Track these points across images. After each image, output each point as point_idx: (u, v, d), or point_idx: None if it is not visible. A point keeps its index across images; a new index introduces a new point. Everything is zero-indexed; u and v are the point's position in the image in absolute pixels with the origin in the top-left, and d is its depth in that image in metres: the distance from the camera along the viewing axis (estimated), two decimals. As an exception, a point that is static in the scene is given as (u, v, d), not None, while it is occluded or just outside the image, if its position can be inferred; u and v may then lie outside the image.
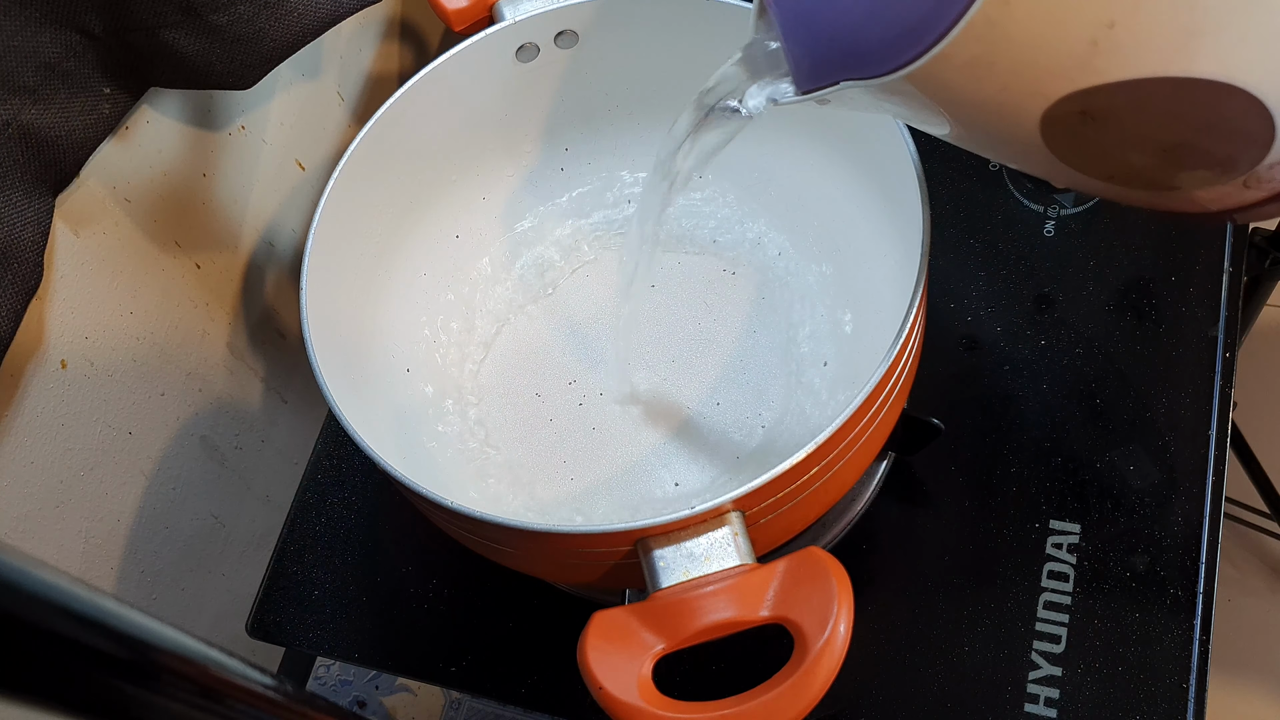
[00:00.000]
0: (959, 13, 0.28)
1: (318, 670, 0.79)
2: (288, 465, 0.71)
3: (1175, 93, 0.29)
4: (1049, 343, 0.58)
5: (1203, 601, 0.50)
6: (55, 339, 0.51)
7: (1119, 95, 0.29)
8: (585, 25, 0.54)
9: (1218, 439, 0.53)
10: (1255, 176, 0.32)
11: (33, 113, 0.46)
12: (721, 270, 0.58)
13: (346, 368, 0.50)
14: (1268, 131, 0.30)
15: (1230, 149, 0.31)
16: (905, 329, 0.41)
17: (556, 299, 0.59)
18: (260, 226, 0.65)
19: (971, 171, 0.63)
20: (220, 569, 0.66)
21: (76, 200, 0.51)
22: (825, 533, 0.55)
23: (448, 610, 0.57)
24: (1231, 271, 0.57)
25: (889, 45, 0.30)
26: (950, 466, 0.56)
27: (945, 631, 0.52)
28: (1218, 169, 0.32)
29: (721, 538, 0.39)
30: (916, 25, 0.29)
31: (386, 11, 0.74)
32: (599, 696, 0.38)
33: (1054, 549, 0.53)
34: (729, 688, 0.37)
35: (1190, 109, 0.30)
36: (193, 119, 0.58)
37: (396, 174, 0.55)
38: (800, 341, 0.55)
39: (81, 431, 0.54)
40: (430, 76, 0.53)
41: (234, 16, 0.49)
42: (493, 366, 0.57)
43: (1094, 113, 0.30)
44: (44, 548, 0.53)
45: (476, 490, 0.54)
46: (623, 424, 0.55)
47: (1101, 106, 0.30)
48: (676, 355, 0.56)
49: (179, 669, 0.24)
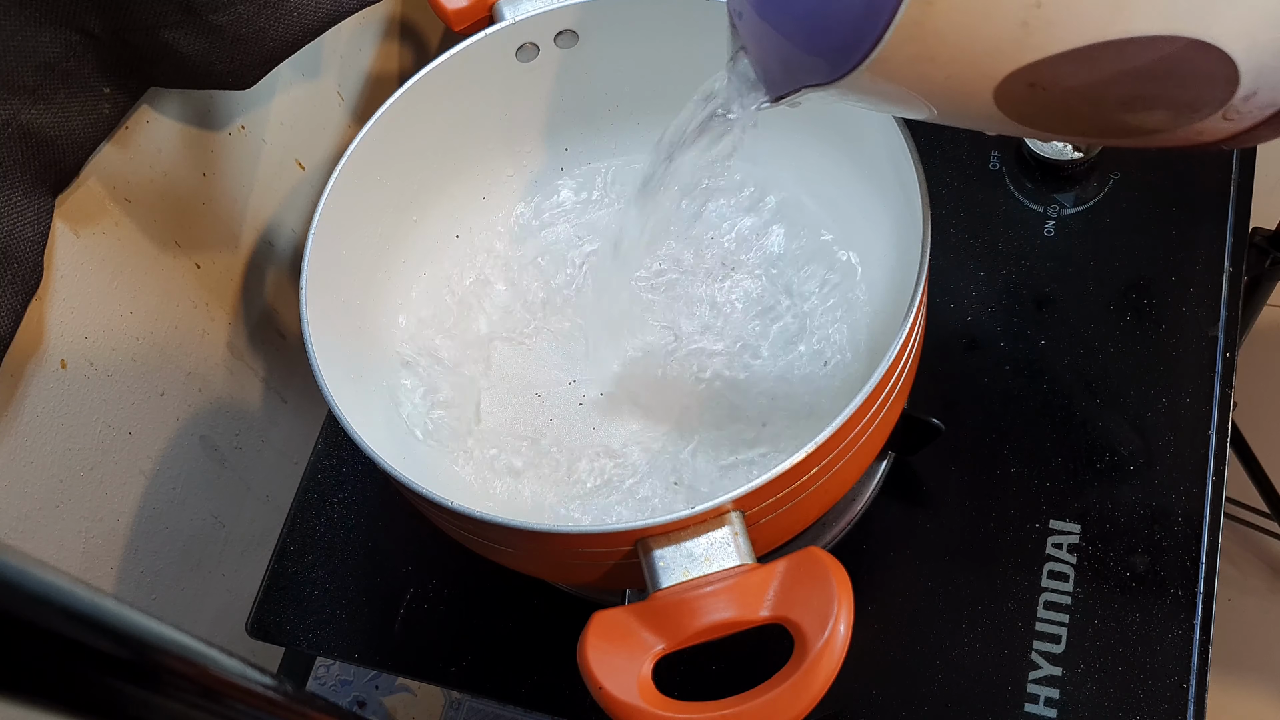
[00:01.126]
0: (886, 21, 0.29)
1: (318, 670, 0.79)
2: (288, 465, 0.71)
3: (1120, 53, 0.29)
4: (1049, 343, 0.58)
5: (1203, 601, 0.50)
6: (55, 339, 0.51)
7: (1062, 65, 0.30)
8: (585, 25, 0.54)
9: (1218, 439, 0.53)
10: (1232, 109, 0.32)
11: (33, 113, 0.46)
12: (721, 269, 0.58)
13: (346, 368, 0.50)
14: (1227, 68, 0.30)
15: (1194, 93, 0.31)
16: (905, 329, 0.41)
17: (556, 298, 0.59)
18: (260, 226, 0.65)
19: (971, 171, 0.63)
20: (220, 569, 0.66)
21: (76, 200, 0.51)
22: (825, 533, 0.55)
23: (448, 610, 0.57)
24: (1231, 271, 0.57)
25: (833, 55, 0.32)
26: (950, 466, 0.56)
27: (945, 631, 0.52)
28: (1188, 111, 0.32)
29: (721, 538, 0.39)
30: (852, 36, 0.31)
31: (386, 11, 0.74)
32: (599, 696, 0.38)
33: (1054, 549, 0.53)
34: (729, 688, 0.37)
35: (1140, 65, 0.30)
36: (193, 119, 0.58)
37: (396, 174, 0.55)
38: (800, 341, 0.55)
39: (81, 431, 0.54)
40: (430, 76, 0.53)
41: (234, 16, 0.49)
42: (492, 366, 0.57)
43: (1042, 84, 0.31)
44: (44, 548, 0.53)
45: (476, 490, 0.54)
46: (623, 423, 0.55)
47: (1048, 77, 0.31)
48: (676, 354, 0.56)
49: (179, 669, 0.24)
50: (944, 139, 0.64)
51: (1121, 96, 0.32)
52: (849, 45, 0.31)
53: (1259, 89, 0.31)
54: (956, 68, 0.31)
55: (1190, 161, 0.60)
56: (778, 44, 0.35)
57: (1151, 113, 0.32)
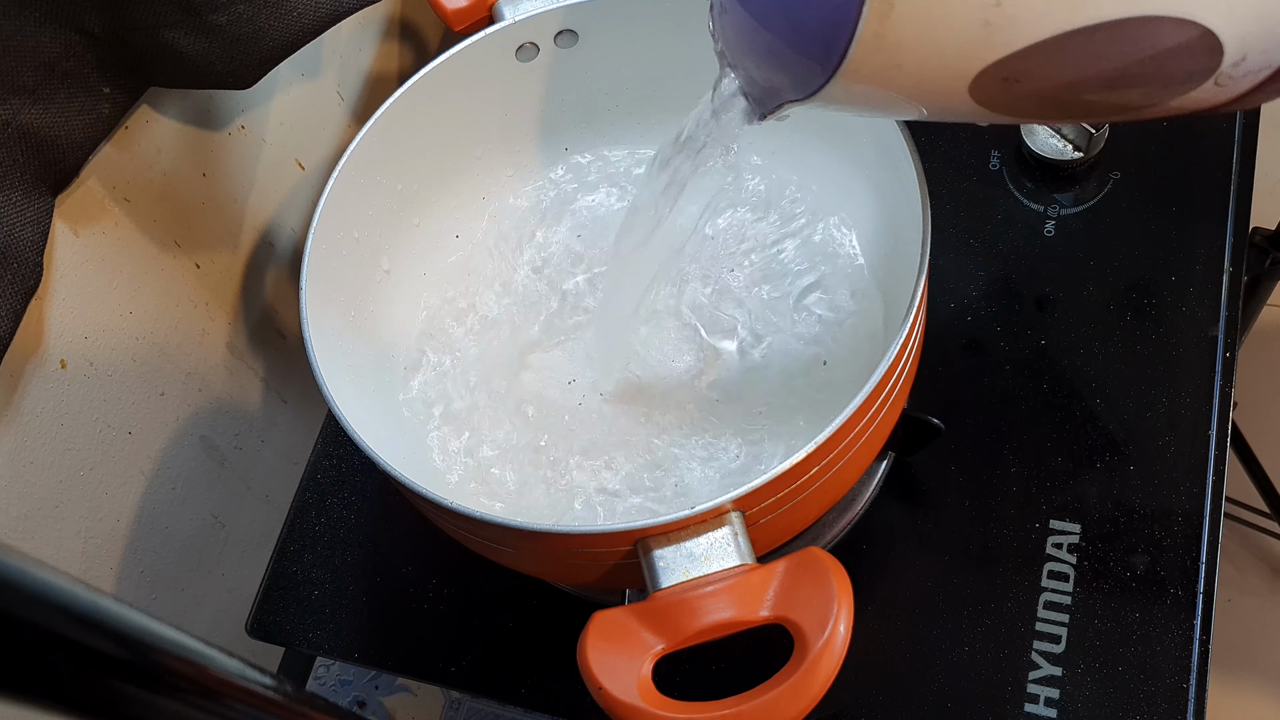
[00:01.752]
0: (848, 36, 0.30)
1: (317, 670, 0.79)
2: (288, 465, 0.71)
3: (1090, 40, 0.29)
4: (1049, 343, 0.58)
5: (1203, 601, 0.50)
6: (55, 339, 0.51)
7: (1033, 58, 0.30)
8: (585, 25, 0.54)
9: (1218, 439, 0.53)
10: (1223, 76, 0.31)
11: (33, 113, 0.46)
12: (720, 269, 0.58)
13: (346, 368, 0.50)
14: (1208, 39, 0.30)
15: (1177, 67, 0.31)
16: (905, 329, 0.41)
17: (556, 298, 0.59)
18: (260, 226, 0.65)
19: (971, 171, 0.63)
20: (220, 569, 0.66)
21: (76, 200, 0.51)
22: (825, 533, 0.55)
23: (448, 610, 0.57)
24: (1231, 271, 0.57)
25: (804, 71, 0.33)
26: (950, 466, 0.56)
27: (945, 631, 0.52)
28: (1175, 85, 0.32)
29: (721, 538, 0.39)
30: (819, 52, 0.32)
31: (386, 11, 0.74)
32: (599, 696, 0.38)
33: (1054, 549, 0.53)
34: (729, 688, 0.37)
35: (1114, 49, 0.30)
36: (192, 119, 0.58)
37: (396, 174, 0.55)
38: (800, 341, 0.55)
39: (81, 431, 0.54)
40: (430, 76, 0.53)
41: (234, 16, 0.49)
42: (492, 366, 0.57)
43: (1016, 77, 0.31)
44: (44, 548, 0.53)
45: (476, 490, 0.54)
46: (622, 423, 0.55)
47: (1021, 70, 0.30)
48: (676, 355, 0.56)
49: (179, 669, 0.24)
50: (944, 139, 0.64)
51: (1102, 79, 0.31)
52: (818, 61, 0.32)
53: (1247, 54, 0.30)
54: (926, 73, 0.31)
55: (1190, 161, 0.60)
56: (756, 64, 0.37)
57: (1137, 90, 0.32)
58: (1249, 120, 0.60)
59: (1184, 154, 0.61)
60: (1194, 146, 0.61)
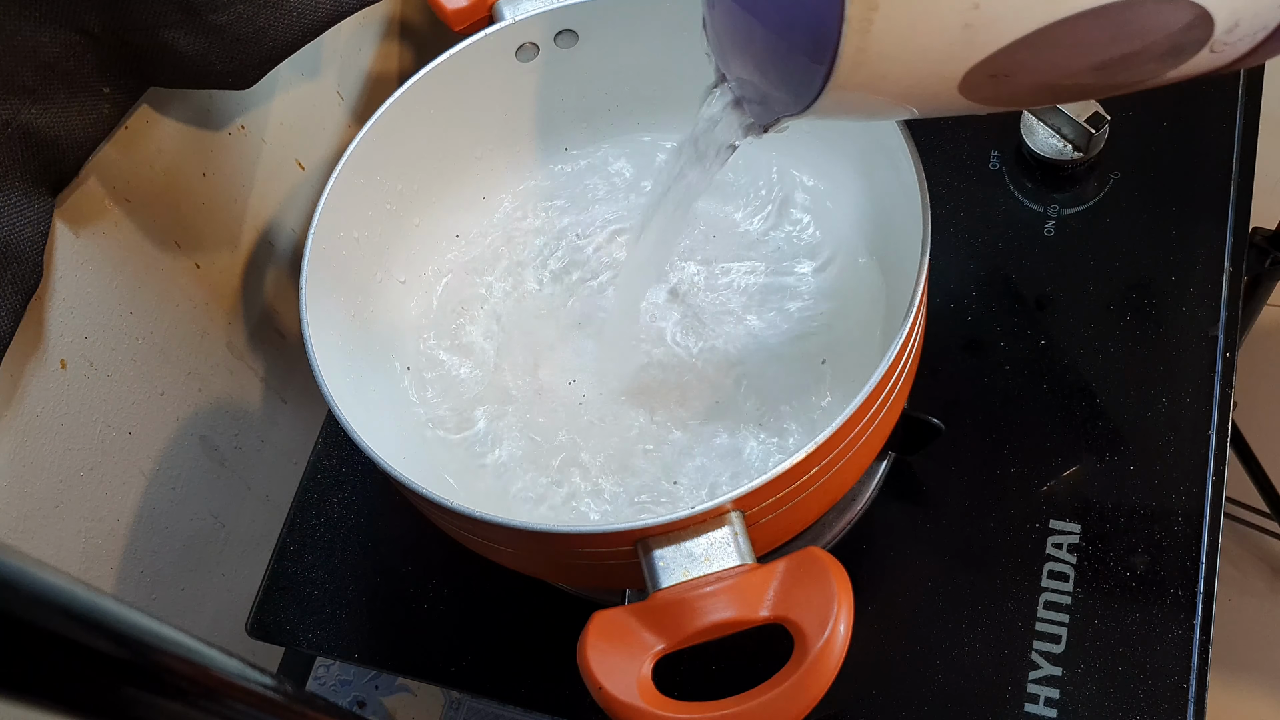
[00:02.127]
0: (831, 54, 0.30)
1: (317, 670, 0.79)
2: (288, 465, 0.71)
3: (1074, 29, 0.29)
4: (1049, 343, 0.58)
5: (1203, 601, 0.50)
6: (55, 339, 0.51)
7: (1019, 52, 0.30)
8: (585, 25, 0.55)
9: (1218, 439, 0.53)
10: (1218, 43, 0.31)
11: (32, 113, 0.46)
12: (720, 268, 0.58)
13: (346, 368, 0.50)
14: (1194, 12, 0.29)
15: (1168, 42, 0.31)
16: (905, 329, 0.41)
17: (556, 298, 0.59)
18: (260, 226, 0.65)
19: (971, 171, 0.63)
20: (220, 569, 0.66)
21: (76, 200, 0.51)
22: (825, 533, 0.55)
23: (448, 610, 0.57)
24: (1231, 271, 0.57)
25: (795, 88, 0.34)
26: (950, 466, 0.56)
27: (945, 631, 0.52)
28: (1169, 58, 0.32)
29: (721, 538, 0.39)
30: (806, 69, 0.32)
31: (386, 11, 0.74)
32: (599, 696, 0.38)
33: (1054, 549, 0.53)
34: (729, 688, 0.37)
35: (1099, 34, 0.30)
36: (192, 119, 0.58)
37: (396, 174, 0.55)
38: (799, 340, 0.55)
39: (81, 431, 0.54)
40: (430, 76, 0.53)
41: (234, 16, 0.49)
42: (492, 366, 0.57)
43: (1004, 72, 0.31)
44: (44, 548, 0.53)
45: (476, 489, 0.54)
46: (622, 423, 0.55)
47: (1007, 66, 0.30)
48: (676, 355, 0.56)
49: (179, 669, 0.24)
50: (944, 139, 0.64)
51: (1092, 63, 0.31)
52: (807, 78, 0.32)
53: (1239, 20, 0.30)
54: (913, 79, 0.31)
55: (1190, 161, 0.60)
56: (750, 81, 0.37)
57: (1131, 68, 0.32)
58: (1249, 120, 0.61)
59: (1184, 154, 0.61)
60: (1194, 147, 0.61)
